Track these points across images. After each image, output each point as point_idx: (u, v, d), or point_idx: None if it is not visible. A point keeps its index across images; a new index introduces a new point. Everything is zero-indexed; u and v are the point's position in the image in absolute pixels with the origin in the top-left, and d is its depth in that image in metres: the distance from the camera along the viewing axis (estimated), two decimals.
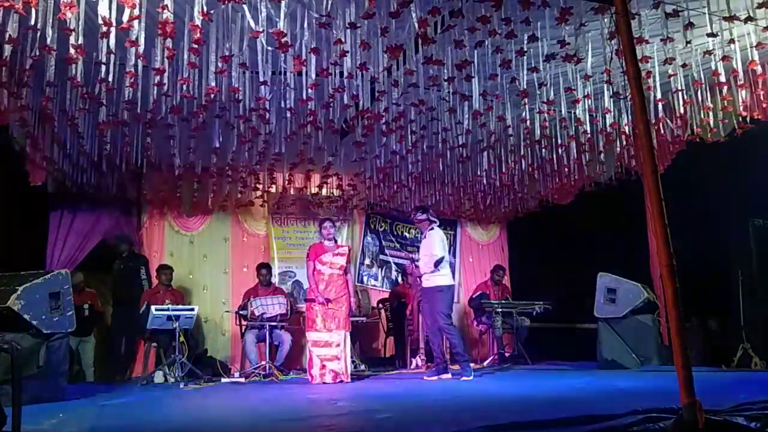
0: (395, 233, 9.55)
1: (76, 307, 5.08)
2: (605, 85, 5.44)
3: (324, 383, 5.73)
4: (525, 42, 4.78)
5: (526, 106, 5.63)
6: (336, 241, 6.33)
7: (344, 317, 5.94)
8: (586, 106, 5.67)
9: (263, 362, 6.65)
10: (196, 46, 4.22)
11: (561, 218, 8.60)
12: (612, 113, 5.73)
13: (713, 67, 5.08)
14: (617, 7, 2.91)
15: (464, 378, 5.72)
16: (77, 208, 7.58)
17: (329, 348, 5.86)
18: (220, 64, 4.47)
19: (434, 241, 6.08)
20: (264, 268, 7.74)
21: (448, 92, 5.47)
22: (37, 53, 4.07)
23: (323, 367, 5.82)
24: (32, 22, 3.77)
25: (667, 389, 3.18)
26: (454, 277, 9.78)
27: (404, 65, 4.99)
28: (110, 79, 4.28)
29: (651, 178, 2.67)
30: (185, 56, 4.43)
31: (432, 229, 6.24)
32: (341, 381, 5.79)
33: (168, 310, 6.37)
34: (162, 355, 7.07)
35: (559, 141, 6.49)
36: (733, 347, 5.88)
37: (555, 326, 7.94)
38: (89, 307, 7.08)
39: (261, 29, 4.00)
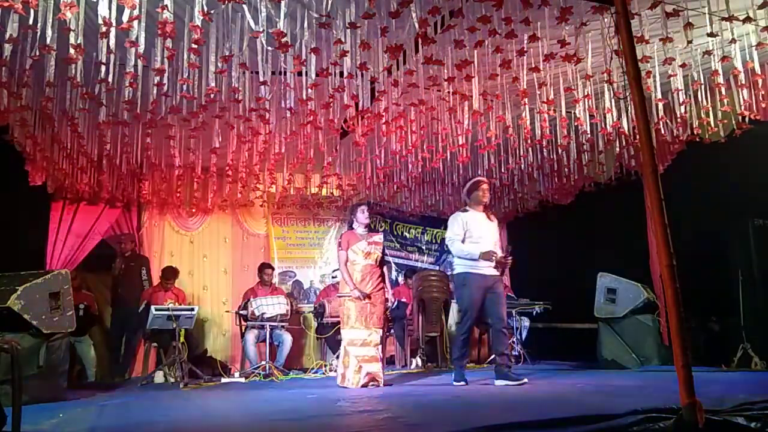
0: (395, 233, 9.55)
1: None
2: (605, 85, 5.45)
3: (351, 386, 5.11)
4: (525, 42, 4.78)
5: (526, 106, 5.63)
6: (369, 228, 5.61)
7: (381, 314, 5.28)
8: (586, 106, 5.68)
9: (263, 362, 6.65)
10: (196, 46, 4.22)
11: (561, 218, 8.60)
12: (612, 113, 5.73)
13: (713, 67, 5.08)
14: (617, 7, 2.91)
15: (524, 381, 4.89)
16: (77, 208, 7.59)
17: (367, 348, 5.16)
18: (220, 64, 4.47)
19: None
20: (269, 268, 7.75)
21: (448, 92, 5.47)
22: (37, 53, 4.07)
23: (360, 369, 5.12)
24: (32, 22, 3.77)
25: (667, 389, 3.18)
26: None
27: (404, 65, 5.00)
28: (110, 79, 4.28)
29: (651, 178, 2.67)
30: (185, 56, 4.43)
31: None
32: (376, 386, 5.12)
33: (168, 310, 6.37)
34: (162, 355, 7.07)
35: (559, 141, 6.49)
36: (733, 347, 5.88)
37: (555, 326, 7.94)
38: (84, 308, 7.07)
39: (261, 29, 4.00)
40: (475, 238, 5.10)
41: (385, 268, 5.53)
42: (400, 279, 9.02)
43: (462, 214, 5.24)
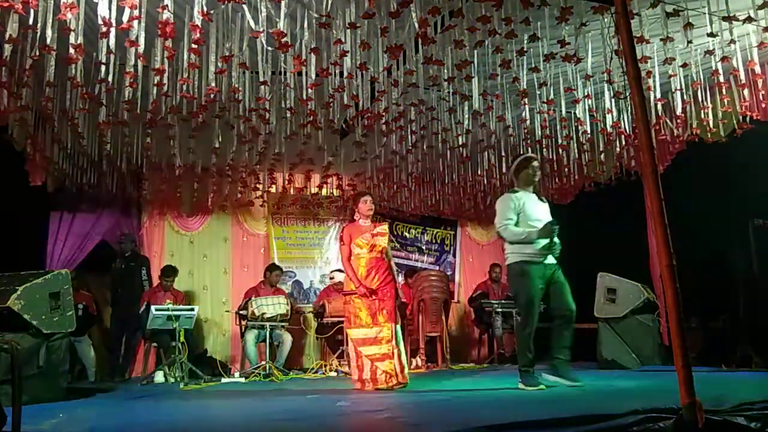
0: (395, 233, 9.55)
1: None
2: (606, 85, 5.45)
3: (377, 389, 4.82)
4: (525, 42, 4.79)
5: (526, 106, 5.63)
6: (372, 220, 5.33)
7: (392, 308, 4.98)
8: (586, 106, 5.68)
9: (263, 362, 6.65)
10: (196, 46, 4.22)
11: (560, 218, 8.58)
12: (612, 113, 5.73)
13: (713, 67, 5.09)
14: (617, 7, 2.91)
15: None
16: (77, 208, 7.60)
17: (379, 346, 4.91)
18: (220, 64, 4.47)
19: None
20: (277, 269, 7.74)
21: (448, 92, 5.47)
22: (37, 53, 4.08)
23: (375, 369, 4.89)
24: (32, 22, 3.77)
25: (667, 389, 3.17)
26: (455, 275, 9.87)
27: (404, 65, 5.00)
28: (110, 79, 4.29)
29: (651, 178, 2.67)
30: (185, 56, 4.43)
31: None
32: (397, 383, 4.84)
33: (168, 310, 6.37)
34: (162, 355, 7.07)
35: (559, 141, 6.50)
36: (733, 347, 5.88)
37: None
38: (83, 308, 7.08)
39: (261, 29, 4.01)
40: (533, 221, 4.47)
41: (392, 262, 5.28)
42: (400, 279, 9.02)
43: (513, 194, 4.53)
